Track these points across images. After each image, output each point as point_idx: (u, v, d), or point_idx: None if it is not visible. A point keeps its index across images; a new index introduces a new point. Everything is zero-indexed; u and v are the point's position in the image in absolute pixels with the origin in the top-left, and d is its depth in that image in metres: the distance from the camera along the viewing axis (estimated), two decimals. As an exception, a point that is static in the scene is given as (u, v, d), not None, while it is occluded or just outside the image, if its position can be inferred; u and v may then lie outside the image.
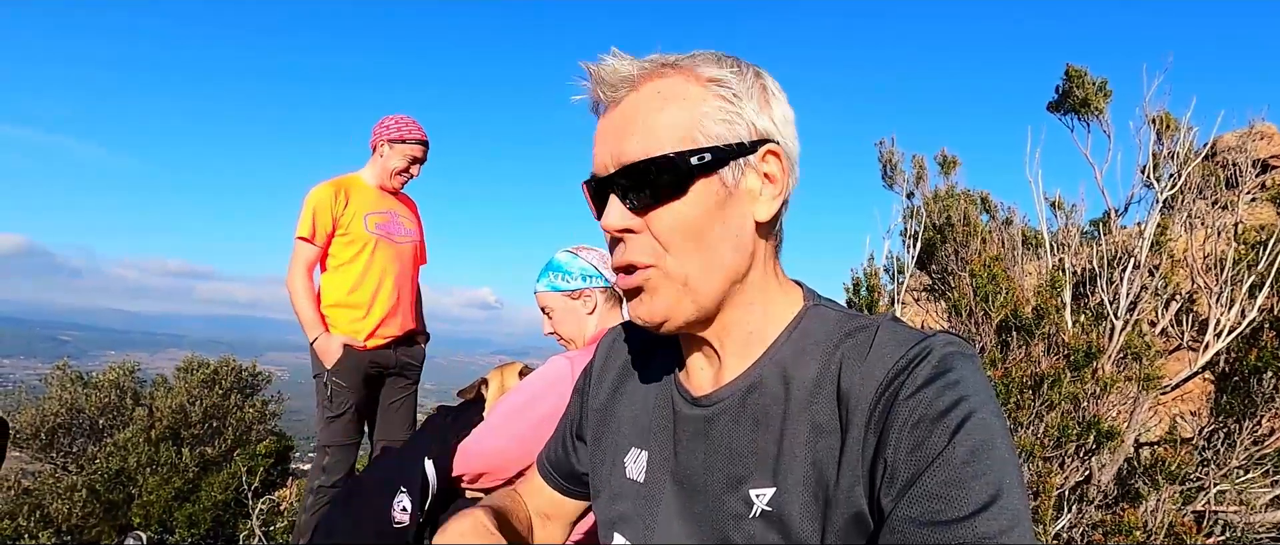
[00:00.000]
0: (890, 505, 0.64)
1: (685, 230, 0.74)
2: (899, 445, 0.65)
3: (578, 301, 1.99)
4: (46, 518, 6.38)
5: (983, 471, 0.62)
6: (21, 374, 43.18)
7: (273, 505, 6.55)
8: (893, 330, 0.73)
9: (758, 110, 0.76)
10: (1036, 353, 2.30)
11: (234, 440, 7.35)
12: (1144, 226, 2.83)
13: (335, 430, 3.20)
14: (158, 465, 6.82)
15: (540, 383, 1.85)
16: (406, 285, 3.34)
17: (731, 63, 0.77)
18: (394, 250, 3.27)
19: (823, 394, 0.72)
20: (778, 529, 0.71)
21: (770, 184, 0.76)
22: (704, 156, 0.73)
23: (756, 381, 0.77)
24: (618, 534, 0.88)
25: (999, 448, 0.64)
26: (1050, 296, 2.33)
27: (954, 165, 3.77)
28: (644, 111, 0.75)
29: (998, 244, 3.06)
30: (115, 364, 7.91)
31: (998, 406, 0.69)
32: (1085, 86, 3.42)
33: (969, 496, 0.61)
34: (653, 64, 0.76)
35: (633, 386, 0.93)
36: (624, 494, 0.89)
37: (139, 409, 7.42)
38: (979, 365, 0.71)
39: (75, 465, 7.09)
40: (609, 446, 0.93)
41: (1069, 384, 2.21)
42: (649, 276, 0.77)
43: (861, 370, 0.70)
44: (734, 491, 0.75)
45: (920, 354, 0.69)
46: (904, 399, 0.67)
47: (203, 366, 7.84)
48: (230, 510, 6.78)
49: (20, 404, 7.46)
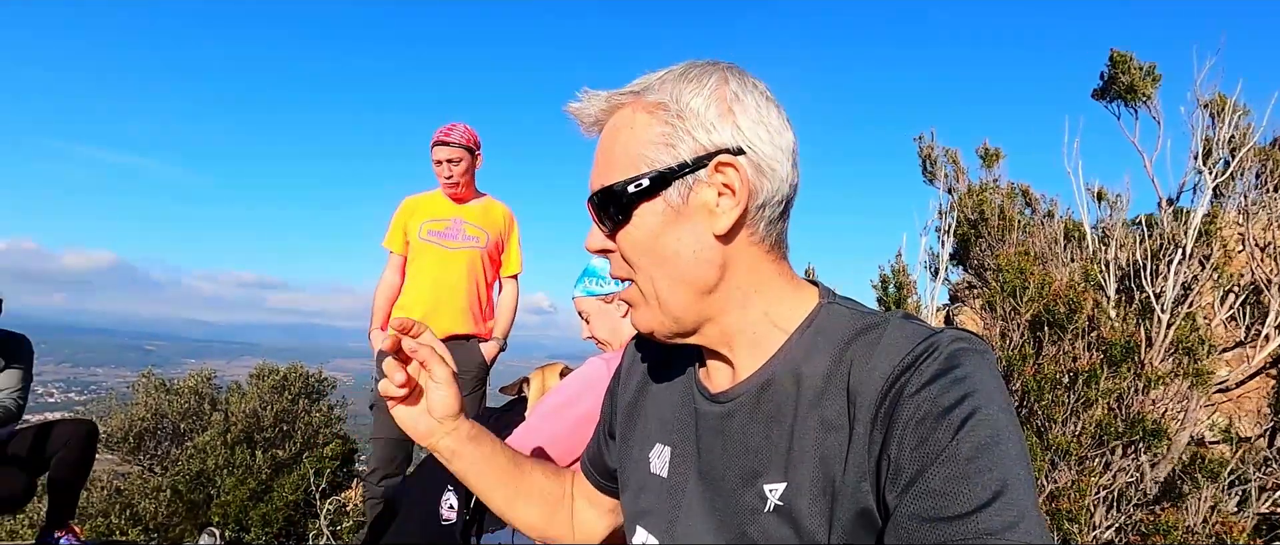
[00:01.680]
0: (895, 501, 0.64)
1: (640, 250, 0.80)
2: (904, 441, 0.65)
3: (611, 305, 2.06)
4: (136, 516, 6.83)
5: (987, 467, 0.62)
6: (112, 382, 46.12)
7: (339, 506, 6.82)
8: (902, 327, 0.73)
9: (714, 123, 0.76)
10: (1075, 348, 2.25)
11: (303, 443, 7.70)
12: (1192, 215, 2.72)
13: (376, 423, 3.44)
14: (234, 467, 7.22)
15: (578, 384, 1.93)
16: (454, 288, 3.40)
17: (694, 77, 0.78)
18: (442, 255, 3.40)
19: (832, 391, 0.73)
20: (789, 524, 0.72)
21: (728, 195, 0.76)
22: (641, 183, 0.77)
23: (769, 379, 0.78)
24: (641, 528, 0.90)
25: (1005, 444, 0.63)
26: (1084, 289, 2.27)
27: (996, 158, 3.69)
28: (605, 144, 0.82)
29: (1040, 238, 2.99)
30: (194, 371, 8.41)
31: (1007, 403, 0.68)
32: (1131, 72, 3.31)
33: (973, 492, 0.61)
34: (613, 97, 0.82)
35: (657, 384, 0.96)
36: (648, 489, 0.91)
37: (216, 414, 7.86)
38: (990, 362, 0.70)
39: (160, 467, 7.57)
40: (635, 443, 0.96)
41: (1108, 380, 2.16)
42: (631, 291, 0.84)
43: (869, 366, 0.71)
44: (749, 487, 0.77)
45: (927, 350, 0.68)
46: (909, 395, 0.66)
47: (273, 373, 8.25)
48: (300, 510, 7.11)
49: (110, 409, 8.02)
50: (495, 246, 3.51)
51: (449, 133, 3.35)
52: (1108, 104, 3.45)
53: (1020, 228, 3.14)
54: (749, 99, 0.78)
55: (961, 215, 3.32)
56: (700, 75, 0.78)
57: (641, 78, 0.82)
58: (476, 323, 3.47)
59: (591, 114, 0.83)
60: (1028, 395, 2.20)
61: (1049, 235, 2.94)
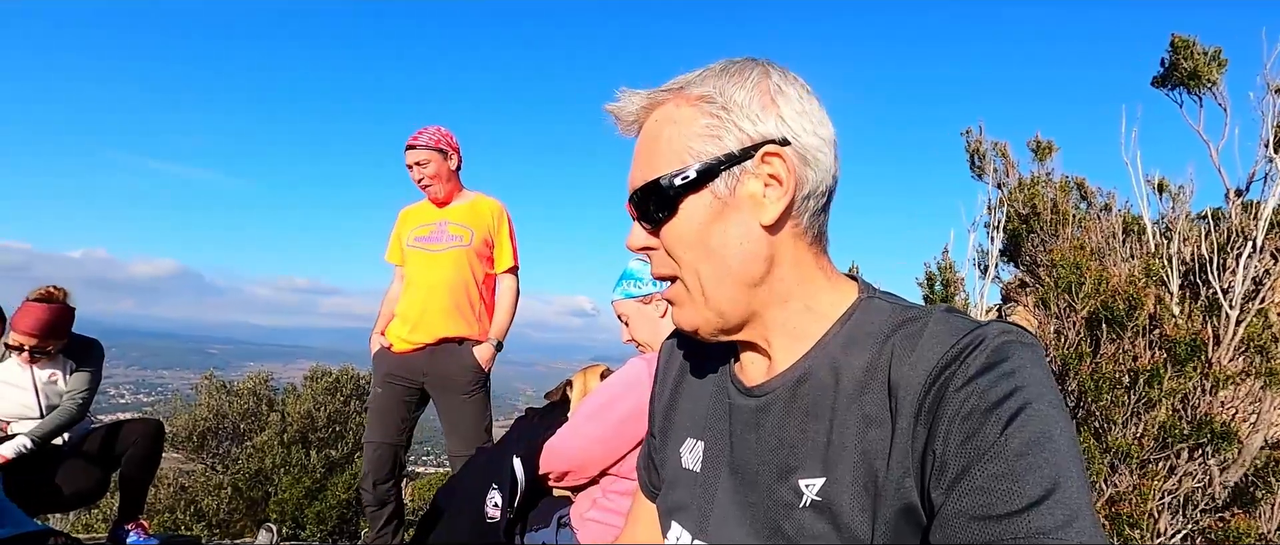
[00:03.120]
0: (941, 498, 0.63)
1: (686, 245, 0.79)
2: (950, 437, 0.64)
3: (649, 306, 2.06)
4: (199, 512, 7.13)
5: (1038, 464, 0.60)
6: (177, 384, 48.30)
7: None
8: (945, 319, 0.72)
9: (759, 114, 0.76)
10: (1136, 347, 2.15)
11: (354, 443, 7.93)
12: (1263, 206, 2.57)
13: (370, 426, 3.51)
14: (290, 466, 7.47)
15: (618, 385, 1.94)
16: (441, 291, 3.34)
17: (735, 72, 0.79)
18: (428, 258, 3.40)
19: (873, 385, 0.72)
20: (828, 519, 0.71)
21: (774, 185, 0.76)
22: (687, 174, 0.77)
23: (806, 372, 0.78)
24: (675, 523, 0.90)
25: (1057, 440, 0.61)
26: (1145, 285, 2.17)
27: (1049, 151, 3.55)
28: (647, 140, 0.82)
29: (1096, 232, 2.87)
30: (253, 374, 8.74)
31: (1058, 398, 0.66)
32: (1194, 57, 3.15)
33: (1023, 490, 0.59)
34: (653, 95, 0.82)
35: (692, 380, 0.96)
36: (680, 483, 0.91)
37: (273, 414, 8.15)
38: (1039, 355, 0.68)
39: (221, 465, 7.88)
40: (671, 440, 0.96)
41: (1172, 380, 2.06)
42: (675, 289, 0.83)
43: (911, 360, 0.69)
44: (784, 481, 0.76)
45: (973, 343, 0.67)
46: (955, 390, 0.65)
47: (326, 375, 8.52)
48: (352, 508, 7.32)
49: (175, 410, 8.41)
50: (485, 243, 3.44)
51: (417, 137, 3.36)
52: (1168, 91, 3.29)
53: (1075, 222, 3.02)
54: (791, 90, 0.78)
55: (1012, 210, 3.21)
56: (741, 70, 0.79)
57: (679, 77, 0.82)
58: (469, 324, 3.40)
59: (631, 112, 0.83)
60: (1084, 395, 2.12)
61: (1106, 229, 2.82)
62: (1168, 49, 3.30)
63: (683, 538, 0.88)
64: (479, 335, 3.42)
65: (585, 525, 1.88)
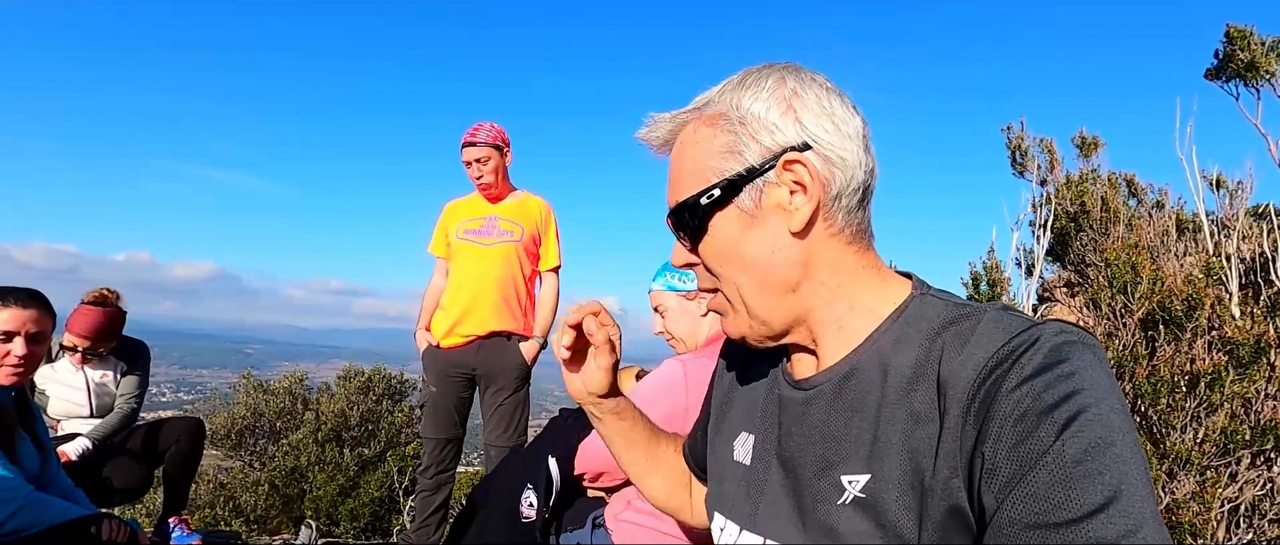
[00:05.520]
0: (993, 504, 0.62)
1: (722, 259, 0.82)
2: (1001, 439, 0.62)
3: (694, 303, 2.03)
4: (238, 508, 7.29)
5: (1098, 471, 0.58)
6: (216, 383, 49.77)
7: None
8: (999, 317, 0.70)
9: (776, 124, 0.77)
10: (1195, 349, 2.07)
11: (386, 442, 8.04)
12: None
13: (424, 423, 3.54)
14: (324, 464, 7.60)
15: (655, 386, 1.92)
16: (490, 284, 3.37)
17: (751, 83, 0.80)
18: (479, 251, 3.44)
19: (922, 382, 0.71)
20: (871, 517, 0.70)
21: (800, 192, 0.77)
22: (712, 193, 0.79)
23: (854, 368, 0.77)
24: (719, 513, 0.91)
25: (1118, 446, 0.59)
26: (1205, 285, 2.08)
27: (1094, 147, 3.44)
28: (675, 162, 0.85)
29: (1148, 230, 2.76)
30: (288, 373, 8.92)
31: (1121, 402, 0.63)
32: (1252, 48, 3.02)
33: (1081, 498, 0.57)
34: (677, 116, 0.85)
35: (747, 375, 0.97)
36: (729, 476, 0.92)
37: (308, 413, 8.31)
38: (1100, 356, 0.66)
39: (258, 462, 8.05)
40: (723, 435, 0.97)
41: (1234, 383, 1.97)
42: (718, 300, 0.86)
43: (961, 357, 0.68)
44: (825, 475, 0.76)
45: (1027, 342, 0.65)
46: (1008, 391, 0.63)
47: (359, 375, 8.67)
48: (385, 506, 7.42)
49: (215, 409, 8.62)
50: (532, 240, 3.49)
51: (475, 133, 3.39)
52: (1223, 84, 3.17)
53: (1125, 220, 2.91)
54: (809, 93, 0.78)
55: (1059, 208, 3.12)
56: (757, 79, 0.80)
57: (700, 95, 0.84)
58: (516, 319, 3.45)
59: (660, 136, 0.87)
60: (1140, 399, 2.04)
61: (1159, 227, 2.71)
62: (1222, 40, 3.18)
63: (728, 528, 0.89)
64: (524, 330, 3.48)
65: (620, 526, 1.86)
